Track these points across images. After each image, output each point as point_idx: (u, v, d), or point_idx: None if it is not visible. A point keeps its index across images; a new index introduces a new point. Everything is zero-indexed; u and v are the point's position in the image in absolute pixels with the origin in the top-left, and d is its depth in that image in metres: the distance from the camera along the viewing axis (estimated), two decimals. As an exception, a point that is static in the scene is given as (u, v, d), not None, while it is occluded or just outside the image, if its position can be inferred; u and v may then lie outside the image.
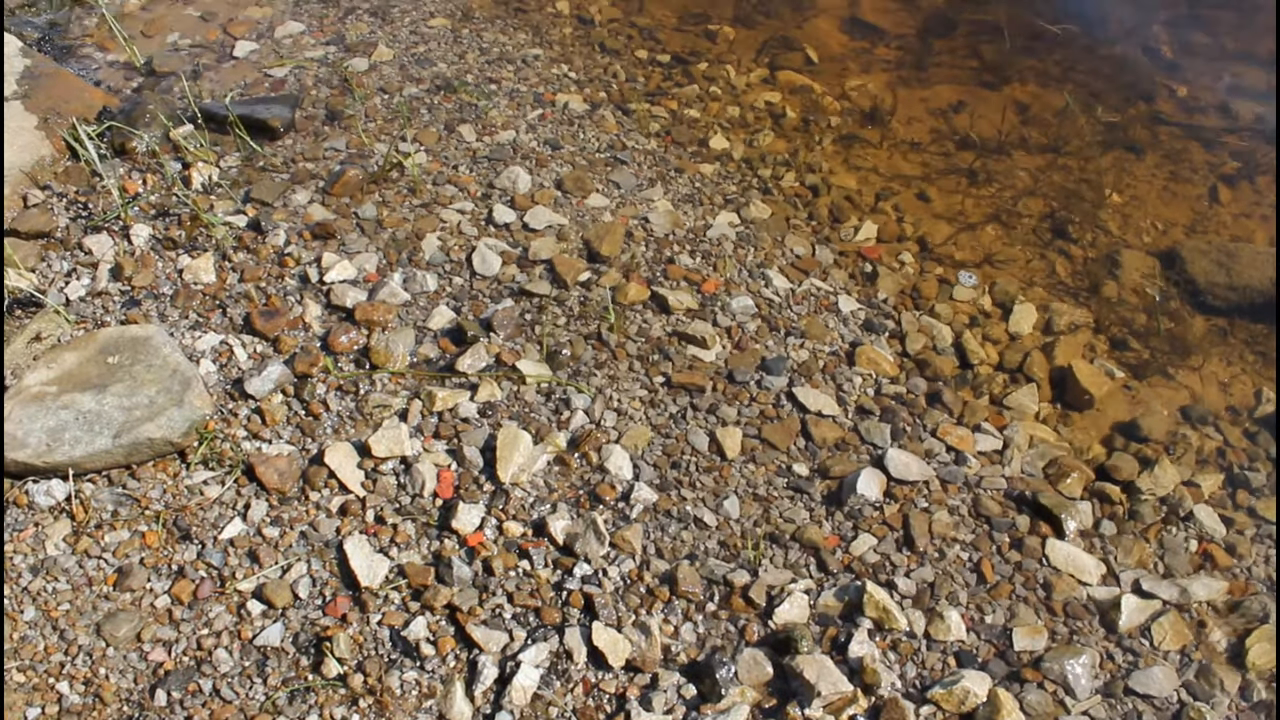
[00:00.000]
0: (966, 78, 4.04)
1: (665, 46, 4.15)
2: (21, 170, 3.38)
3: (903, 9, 4.32)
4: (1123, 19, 4.23)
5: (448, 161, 3.54)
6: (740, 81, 3.99)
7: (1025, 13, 4.27)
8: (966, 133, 3.78)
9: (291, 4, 4.26)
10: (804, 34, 4.20)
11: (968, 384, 3.00)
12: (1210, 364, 3.09)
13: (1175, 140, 3.78)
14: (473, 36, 4.14)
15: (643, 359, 2.93)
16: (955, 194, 3.60)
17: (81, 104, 3.66)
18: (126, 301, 3.03)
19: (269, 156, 3.51)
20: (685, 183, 3.56)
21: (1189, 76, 4.02)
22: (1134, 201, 3.58)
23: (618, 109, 3.84)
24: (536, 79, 3.95)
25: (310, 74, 3.88)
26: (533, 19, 4.27)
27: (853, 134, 3.80)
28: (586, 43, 4.16)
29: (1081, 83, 3.97)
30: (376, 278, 3.10)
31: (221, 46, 4.02)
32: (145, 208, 3.32)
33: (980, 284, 3.30)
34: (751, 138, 3.76)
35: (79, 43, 4.05)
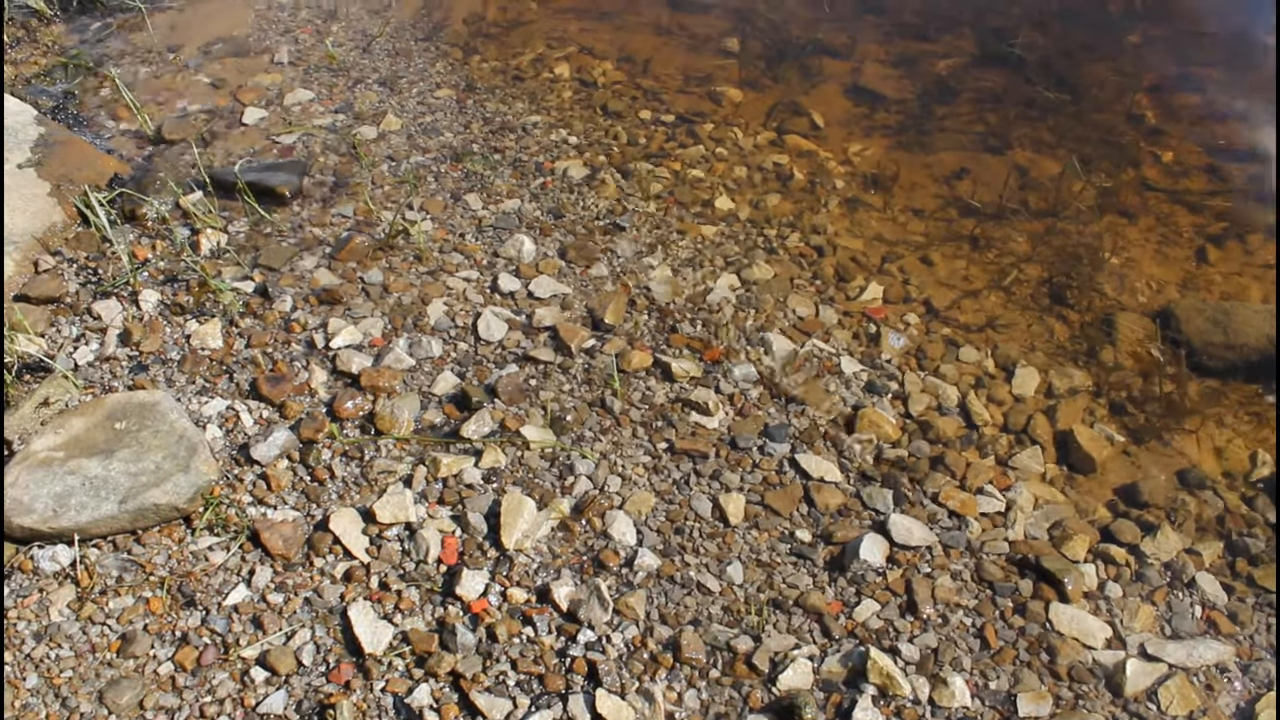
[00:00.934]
0: (968, 143, 4.13)
1: (670, 107, 4.26)
2: (34, 236, 3.46)
3: (905, 76, 4.42)
4: (1110, 85, 4.33)
5: (454, 229, 3.62)
6: (748, 143, 4.08)
7: (1019, 81, 4.37)
8: (968, 199, 3.85)
9: (301, 72, 4.38)
10: (809, 99, 4.31)
11: (972, 445, 3.03)
12: (1206, 427, 3.12)
13: (1163, 204, 3.85)
14: (477, 106, 4.25)
15: (646, 425, 2.97)
16: (958, 259, 3.66)
17: (93, 171, 3.75)
18: (134, 367, 3.08)
19: (277, 223, 3.59)
20: (687, 245, 3.63)
21: (1173, 142, 4.10)
22: (1129, 264, 3.64)
23: (618, 172, 3.93)
24: (537, 146, 4.04)
25: (319, 141, 3.98)
26: (529, 86, 4.39)
27: (857, 198, 3.86)
28: (587, 105, 4.27)
29: (1074, 149, 4.05)
30: (382, 343, 3.16)
31: (231, 113, 4.13)
32: (154, 273, 3.39)
33: (983, 347, 3.34)
34: (758, 199, 3.84)
35: (92, 111, 4.15)
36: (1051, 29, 4.65)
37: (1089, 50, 4.53)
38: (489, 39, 4.69)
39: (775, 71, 4.47)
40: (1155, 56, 4.51)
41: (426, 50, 4.60)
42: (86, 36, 4.63)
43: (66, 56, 4.47)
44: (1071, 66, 4.46)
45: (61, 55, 4.49)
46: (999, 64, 4.49)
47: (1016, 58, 4.48)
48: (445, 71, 4.46)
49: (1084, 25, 4.68)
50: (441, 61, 4.52)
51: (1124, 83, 4.35)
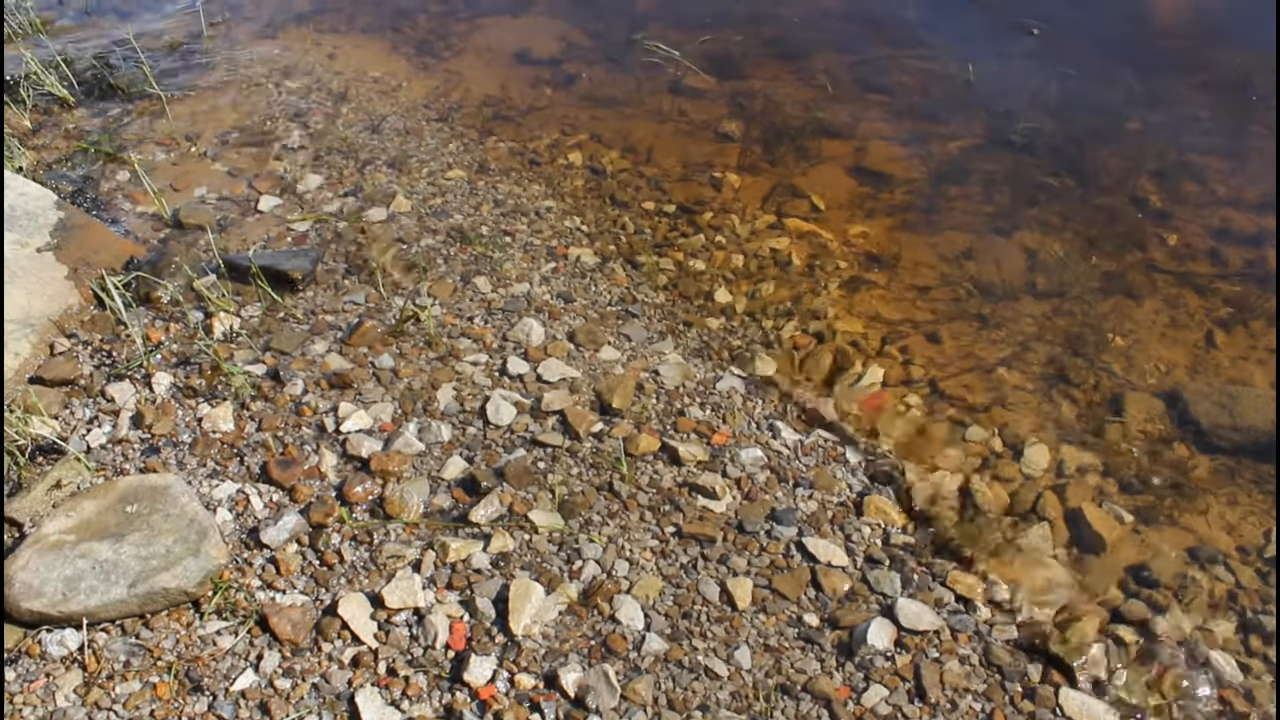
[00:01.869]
0: (973, 224, 4.20)
1: (671, 197, 4.35)
2: (50, 319, 3.54)
3: (913, 156, 4.52)
4: (1114, 170, 4.41)
5: (463, 314, 3.69)
6: (744, 230, 4.16)
7: (1024, 163, 4.46)
8: (971, 280, 3.91)
9: (312, 158, 4.49)
10: (809, 181, 4.40)
11: (979, 527, 3.05)
12: (1218, 505, 3.15)
13: (1170, 287, 3.91)
14: (488, 188, 4.35)
15: (654, 509, 3.01)
16: (963, 338, 3.71)
17: (110, 255, 3.84)
18: (146, 449, 3.14)
19: (289, 307, 3.67)
20: (694, 336, 3.70)
21: (1178, 225, 4.17)
22: (1136, 345, 3.68)
23: (627, 262, 4.01)
24: (550, 231, 4.13)
25: (331, 228, 4.08)
26: (545, 171, 4.49)
27: (859, 277, 3.93)
28: (598, 194, 4.36)
29: (1080, 231, 4.12)
30: (392, 428, 3.21)
31: (246, 200, 4.23)
32: (167, 356, 3.46)
33: (989, 426, 3.38)
34: (754, 289, 3.90)
35: (111, 195, 4.27)
36: (1056, 114, 4.76)
37: (1093, 135, 4.63)
38: (505, 121, 4.81)
39: (774, 154, 4.58)
40: (1156, 142, 4.60)
41: (440, 131, 4.72)
42: (107, 122, 4.76)
43: (87, 142, 4.60)
44: (1076, 151, 4.55)
45: (83, 140, 4.62)
46: (1003, 147, 4.59)
47: (1021, 142, 4.57)
48: (458, 152, 4.58)
49: (1086, 111, 4.79)
50: (455, 142, 4.64)
51: (1128, 167, 4.44)
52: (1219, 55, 5.07)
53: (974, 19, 5.44)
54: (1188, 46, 5.16)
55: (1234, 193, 4.31)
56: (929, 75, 4.98)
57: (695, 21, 5.47)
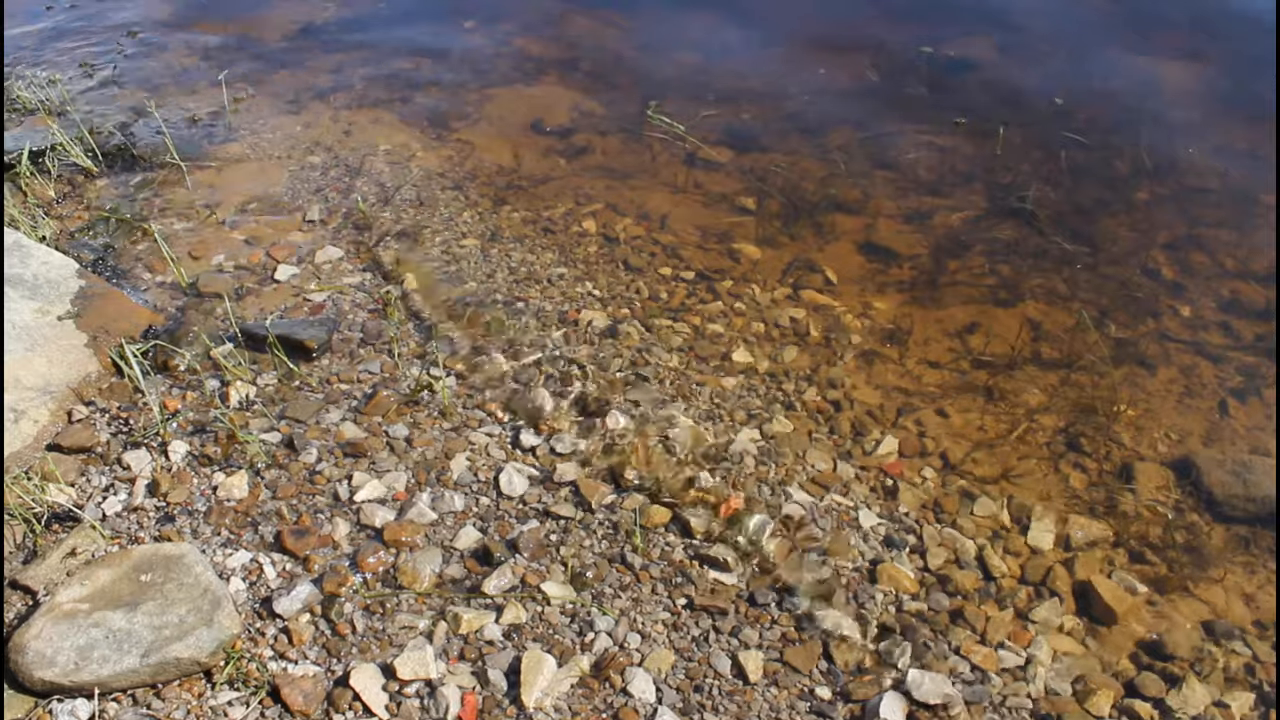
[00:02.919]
0: (980, 296, 4.24)
1: (689, 264, 4.40)
2: (69, 386, 3.59)
3: (916, 231, 4.57)
4: (1124, 240, 4.46)
5: (476, 383, 3.73)
6: (765, 298, 4.21)
7: (1031, 234, 4.51)
8: (981, 351, 3.94)
9: (332, 230, 4.57)
10: (824, 256, 4.46)
11: (991, 598, 3.05)
12: (1233, 575, 3.14)
13: (1184, 356, 3.93)
14: (501, 256, 4.42)
15: (665, 581, 3.01)
16: (973, 411, 3.73)
17: (129, 323, 3.91)
18: (161, 517, 3.16)
19: (305, 376, 3.72)
20: (706, 399, 3.72)
21: (1192, 296, 4.21)
22: (1147, 415, 3.70)
23: (640, 325, 4.05)
24: (561, 297, 4.19)
25: (347, 298, 4.14)
26: (559, 239, 4.56)
27: (873, 351, 3.96)
28: (610, 260, 4.43)
29: (1090, 300, 4.16)
30: (405, 497, 3.24)
31: (264, 269, 4.30)
32: (184, 424, 3.50)
33: (999, 499, 3.39)
34: (776, 353, 3.94)
35: (131, 264, 4.34)
36: (1062, 185, 4.83)
37: (1100, 206, 4.69)
38: (518, 190, 4.90)
39: (791, 229, 4.64)
40: (1164, 213, 4.65)
41: (454, 200, 4.80)
42: (129, 192, 4.86)
43: (109, 211, 4.69)
44: (1083, 221, 4.61)
45: (104, 210, 4.71)
46: (1011, 217, 4.65)
47: (1028, 212, 4.64)
48: (471, 221, 4.65)
49: (1093, 181, 4.84)
50: (469, 211, 4.72)
51: (1138, 238, 4.49)
52: (1226, 126, 5.14)
53: (979, 92, 5.53)
54: (1196, 116, 5.23)
55: (1242, 265, 4.35)
56: (937, 149, 5.06)
57: (708, 95, 5.58)
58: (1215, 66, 5.63)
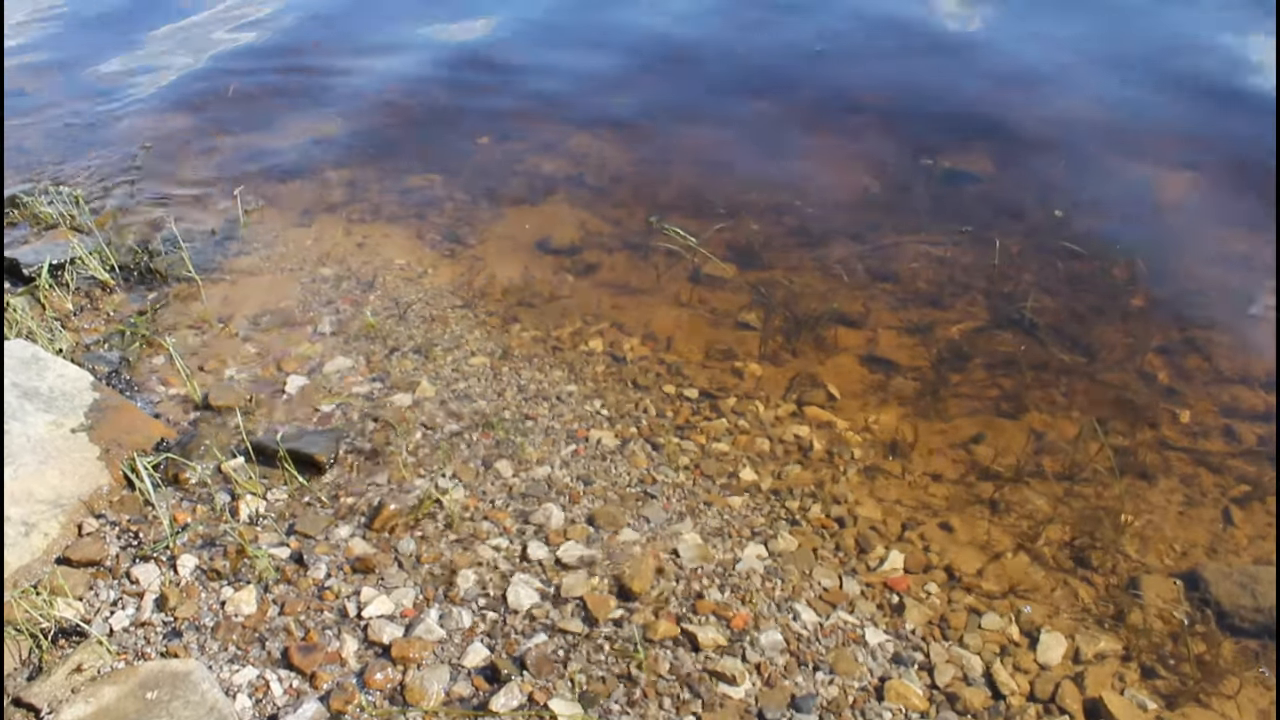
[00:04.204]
0: (982, 408, 4.29)
1: (693, 382, 4.47)
2: (80, 499, 3.64)
3: (918, 343, 4.65)
4: (1121, 346, 4.53)
5: (485, 497, 3.78)
6: (768, 416, 4.26)
7: (1031, 343, 4.58)
8: (985, 463, 3.98)
9: (341, 342, 4.66)
10: (826, 370, 4.53)
11: (1000, 715, 3.04)
12: (1245, 689, 3.13)
13: (1184, 465, 3.97)
14: (511, 374, 4.49)
15: (673, 697, 3.02)
16: (979, 523, 3.75)
17: (142, 436, 3.97)
18: (169, 633, 3.18)
19: (314, 490, 3.76)
20: (714, 515, 3.76)
21: (1190, 401, 4.26)
22: (1151, 526, 3.73)
23: (647, 443, 4.10)
24: (571, 415, 4.25)
25: (356, 410, 4.21)
26: (567, 357, 4.64)
27: (876, 466, 4.01)
28: (619, 379, 4.50)
29: (1090, 410, 4.21)
30: (413, 613, 3.26)
31: (274, 382, 4.38)
32: (193, 538, 3.54)
33: (1006, 614, 3.40)
34: (779, 470, 3.98)
35: (145, 376, 4.42)
36: (1060, 293, 4.91)
37: (1098, 313, 4.76)
38: (528, 308, 5.00)
39: (794, 344, 4.72)
40: (1160, 318, 4.73)
41: (464, 318, 4.90)
42: (144, 306, 4.97)
43: (125, 324, 4.79)
44: (1082, 329, 4.68)
45: (120, 323, 4.81)
46: (1011, 328, 4.72)
47: (1028, 322, 4.71)
48: (481, 339, 4.74)
49: (1090, 290, 4.93)
50: (478, 329, 4.81)
51: (1134, 344, 4.56)
52: (1221, 234, 5.25)
53: (978, 203, 5.66)
54: (1192, 224, 5.34)
55: (1240, 369, 4.41)
56: (937, 260, 5.17)
57: (713, 210, 5.72)
58: (1210, 176, 5.76)
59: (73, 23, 9.50)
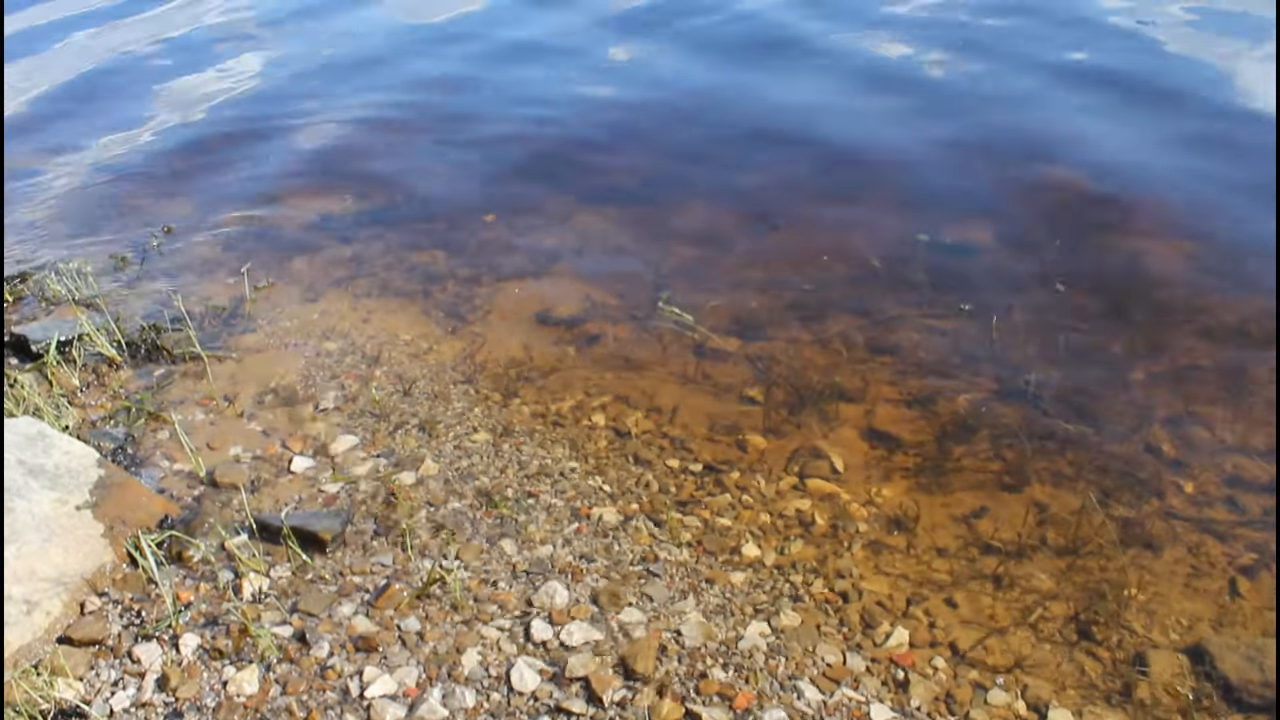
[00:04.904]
0: (985, 482, 4.31)
1: (697, 456, 4.50)
2: (83, 577, 3.65)
3: (920, 417, 4.68)
4: (1125, 418, 4.55)
5: (488, 576, 3.79)
6: (770, 490, 4.29)
7: (1034, 415, 4.61)
8: (989, 537, 3.99)
9: (346, 418, 4.70)
10: (829, 444, 4.55)
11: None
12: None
13: (1190, 534, 3.97)
14: (513, 450, 4.52)
15: (679, 780, 3.00)
16: (983, 598, 3.75)
17: (146, 513, 3.99)
18: (170, 714, 3.18)
19: (318, 568, 3.77)
20: (716, 593, 3.76)
21: (1194, 472, 4.27)
22: (1156, 599, 3.72)
23: (650, 520, 4.12)
24: (573, 492, 4.27)
25: (361, 487, 4.23)
26: (569, 432, 4.67)
27: (880, 540, 4.02)
28: (621, 454, 4.52)
29: (1093, 481, 4.23)
30: (416, 693, 3.25)
31: (279, 460, 4.41)
32: (196, 616, 3.55)
33: (1013, 689, 3.38)
34: (783, 545, 3.99)
35: (150, 452, 4.46)
36: (1062, 365, 4.94)
37: (1100, 385, 4.80)
38: (528, 383, 5.04)
39: (797, 418, 4.76)
40: (1162, 391, 4.75)
41: (466, 394, 4.94)
42: (151, 382, 5.02)
43: (131, 401, 4.83)
44: (1084, 401, 4.71)
45: (127, 400, 4.86)
46: (1012, 399, 4.75)
47: (1031, 394, 4.74)
48: (482, 416, 4.78)
49: (1092, 362, 4.97)
50: (480, 406, 4.85)
51: (1138, 415, 4.58)
52: (1216, 304, 5.29)
53: (977, 276, 5.71)
54: (1186, 295, 5.39)
55: (1242, 439, 4.43)
56: (937, 333, 5.21)
57: (715, 284, 5.79)
58: (1205, 247, 5.82)
59: (85, 100, 9.69)
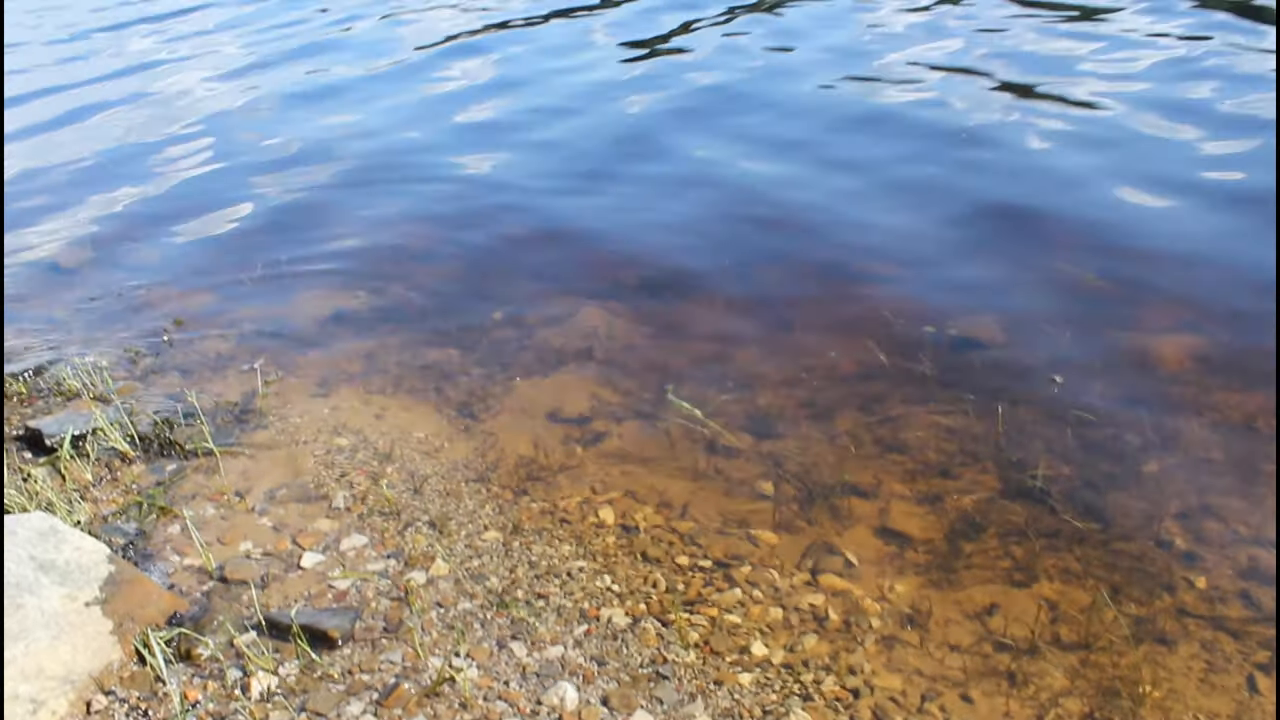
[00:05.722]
0: (996, 577, 4.30)
1: (707, 552, 4.51)
2: (90, 675, 3.65)
3: (930, 513, 4.68)
4: (1135, 513, 4.55)
5: (499, 677, 3.77)
6: (785, 584, 4.29)
7: (1043, 512, 4.61)
8: (1002, 633, 3.98)
9: (357, 517, 4.73)
10: (842, 540, 4.56)
11: None
12: None
13: (1204, 631, 3.95)
14: (523, 549, 4.53)
15: None
16: (997, 697, 3.73)
17: (155, 610, 4.00)
18: (176, 817, 3.15)
19: (327, 666, 3.77)
20: (725, 695, 3.74)
21: (1207, 566, 4.26)
22: (1172, 695, 3.69)
23: (658, 620, 4.11)
24: (581, 593, 4.27)
25: (371, 586, 4.24)
26: (576, 529, 4.69)
27: (894, 635, 4.00)
28: (629, 551, 4.53)
29: (1103, 578, 4.21)
30: (424, 797, 3.22)
31: (289, 556, 4.43)
32: (203, 715, 3.54)
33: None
34: (793, 642, 3.98)
35: (160, 547, 4.48)
36: (1072, 460, 4.95)
37: (1110, 480, 4.80)
38: (539, 480, 5.07)
39: (808, 514, 4.77)
40: (1174, 484, 4.76)
41: (477, 492, 4.97)
42: (163, 477, 5.06)
43: (143, 495, 4.87)
44: (1095, 496, 4.71)
45: (139, 494, 4.89)
46: (1022, 496, 4.76)
47: (1040, 490, 4.75)
48: (493, 514, 4.80)
49: (1102, 456, 4.98)
50: (490, 504, 4.87)
51: (1149, 510, 4.58)
52: (1225, 397, 5.31)
53: (984, 370, 5.76)
54: (1195, 390, 5.42)
55: (1256, 531, 4.42)
56: (945, 429, 5.24)
57: (724, 380, 5.84)
58: (1209, 340, 5.86)
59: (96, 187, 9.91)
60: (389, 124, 11.18)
